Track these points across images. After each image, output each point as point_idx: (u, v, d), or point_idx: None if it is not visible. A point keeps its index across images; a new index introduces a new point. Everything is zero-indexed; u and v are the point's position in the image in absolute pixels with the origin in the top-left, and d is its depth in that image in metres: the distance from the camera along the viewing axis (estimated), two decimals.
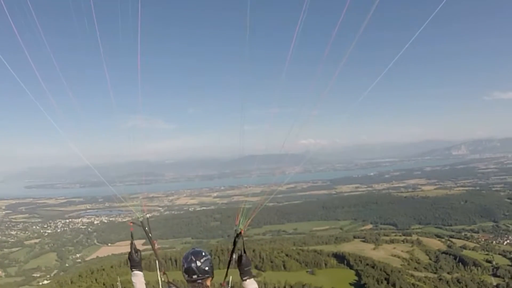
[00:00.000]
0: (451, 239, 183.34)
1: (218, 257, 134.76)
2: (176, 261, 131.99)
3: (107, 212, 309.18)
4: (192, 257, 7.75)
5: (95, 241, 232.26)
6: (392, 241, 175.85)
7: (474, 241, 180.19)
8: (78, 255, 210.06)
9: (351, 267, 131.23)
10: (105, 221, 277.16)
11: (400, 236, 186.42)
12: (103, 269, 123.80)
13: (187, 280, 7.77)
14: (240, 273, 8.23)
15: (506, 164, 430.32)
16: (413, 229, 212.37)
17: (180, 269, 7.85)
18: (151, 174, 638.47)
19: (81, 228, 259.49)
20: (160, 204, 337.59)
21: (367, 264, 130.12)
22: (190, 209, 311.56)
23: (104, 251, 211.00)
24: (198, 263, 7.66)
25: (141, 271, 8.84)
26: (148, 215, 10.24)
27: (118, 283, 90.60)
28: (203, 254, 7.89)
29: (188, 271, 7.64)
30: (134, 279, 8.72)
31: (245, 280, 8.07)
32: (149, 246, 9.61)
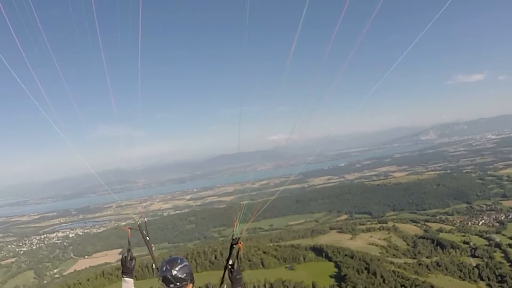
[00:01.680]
0: (426, 223, 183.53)
1: (195, 260, 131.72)
2: (153, 268, 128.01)
3: (82, 224, 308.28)
4: (167, 266, 7.44)
5: (72, 255, 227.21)
6: (368, 230, 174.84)
7: (450, 224, 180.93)
8: (55, 271, 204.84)
9: (330, 259, 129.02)
10: (80, 233, 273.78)
11: (376, 224, 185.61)
12: (80, 283, 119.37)
13: None
14: (232, 283, 8.10)
15: (475, 146, 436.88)
16: (388, 216, 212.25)
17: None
18: (123, 182, 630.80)
19: (56, 242, 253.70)
20: (134, 211, 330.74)
21: (346, 255, 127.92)
22: (164, 213, 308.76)
23: (82, 264, 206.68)
24: (174, 272, 7.37)
25: (132, 278, 8.63)
26: (145, 219, 10.39)
27: None
28: (179, 261, 7.57)
29: (165, 281, 7.39)
30: (124, 286, 8.54)
31: None
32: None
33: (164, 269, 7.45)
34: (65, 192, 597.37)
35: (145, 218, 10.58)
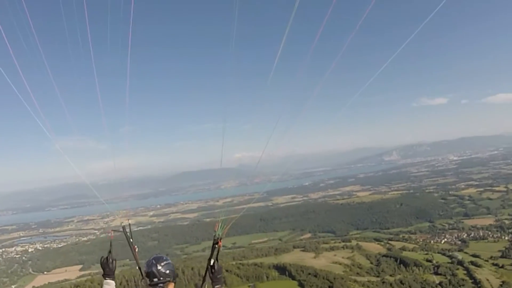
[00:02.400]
0: (390, 242, 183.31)
1: None
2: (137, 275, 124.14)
3: (42, 239, 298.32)
4: (153, 261, 7.98)
5: (31, 270, 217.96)
6: (332, 248, 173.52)
7: (413, 242, 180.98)
8: (13, 287, 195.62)
9: (293, 278, 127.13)
10: (40, 248, 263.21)
11: (339, 242, 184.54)
12: None
13: (149, 285, 7.85)
14: (212, 281, 8.34)
15: (437, 167, 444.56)
16: (352, 235, 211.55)
17: None
18: (84, 196, 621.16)
19: (15, 257, 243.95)
20: (96, 227, 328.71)
21: (309, 274, 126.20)
22: (127, 230, 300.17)
23: (40, 280, 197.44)
24: (159, 267, 7.85)
25: (114, 280, 8.56)
26: (130, 221, 10.34)
27: None
28: (164, 258, 8.14)
29: (149, 275, 7.82)
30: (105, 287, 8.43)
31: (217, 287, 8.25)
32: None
33: (150, 263, 7.91)
34: (25, 205, 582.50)
35: (129, 221, 10.46)
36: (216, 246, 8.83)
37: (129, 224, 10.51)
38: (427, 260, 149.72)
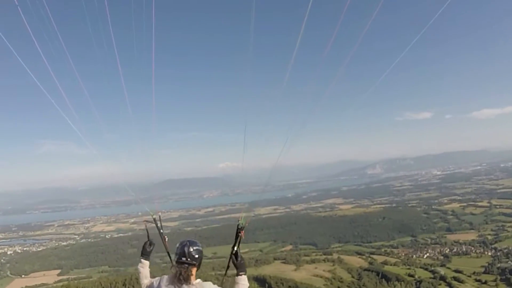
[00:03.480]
0: (372, 255, 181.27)
1: (133, 286, 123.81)
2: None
3: (21, 242, 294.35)
4: (188, 242, 8.37)
5: (8, 273, 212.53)
6: (313, 261, 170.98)
7: (395, 256, 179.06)
8: None
9: None
10: (19, 251, 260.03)
11: (320, 255, 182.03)
12: None
13: (176, 262, 8.25)
14: (237, 268, 8.80)
15: (420, 181, 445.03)
16: (333, 248, 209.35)
17: None
18: (66, 201, 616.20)
19: None
20: (76, 232, 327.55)
21: (289, 286, 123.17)
22: (106, 236, 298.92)
23: (18, 283, 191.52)
24: (191, 249, 8.22)
25: (148, 260, 9.83)
26: (160, 213, 10.76)
27: None
28: (198, 244, 8.52)
29: (179, 253, 8.19)
30: (140, 266, 9.59)
31: (241, 275, 8.66)
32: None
33: (184, 243, 8.28)
34: (6, 207, 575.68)
35: (160, 213, 10.77)
36: (240, 234, 9.57)
37: (160, 216, 10.77)
38: (409, 275, 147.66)
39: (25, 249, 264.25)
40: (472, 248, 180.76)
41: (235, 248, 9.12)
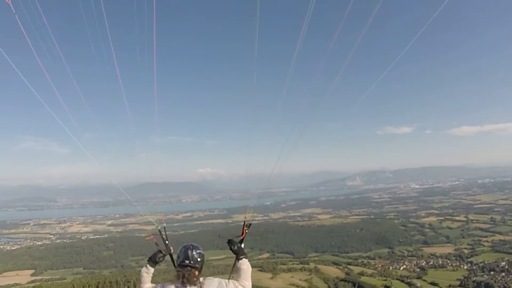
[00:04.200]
0: (348, 266, 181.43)
1: None
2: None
3: None
4: (191, 246, 8.52)
5: None
6: (289, 270, 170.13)
7: (372, 268, 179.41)
8: None
9: None
10: None
11: (297, 264, 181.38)
12: None
13: (178, 265, 8.39)
14: (236, 254, 9.26)
15: (399, 194, 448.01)
16: (310, 257, 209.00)
17: None
18: (43, 200, 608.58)
19: None
20: (52, 232, 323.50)
21: None
22: (83, 237, 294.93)
23: None
24: (194, 252, 8.38)
25: (154, 268, 9.38)
26: (165, 224, 10.81)
27: None
28: (200, 248, 8.69)
29: (183, 257, 8.31)
30: (145, 271, 9.24)
31: (241, 258, 9.14)
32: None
33: (187, 246, 8.41)
34: None
35: (164, 224, 10.82)
36: (246, 229, 10.43)
37: (164, 228, 10.72)
38: (386, 286, 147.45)
39: None
40: (448, 261, 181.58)
41: (237, 245, 9.45)
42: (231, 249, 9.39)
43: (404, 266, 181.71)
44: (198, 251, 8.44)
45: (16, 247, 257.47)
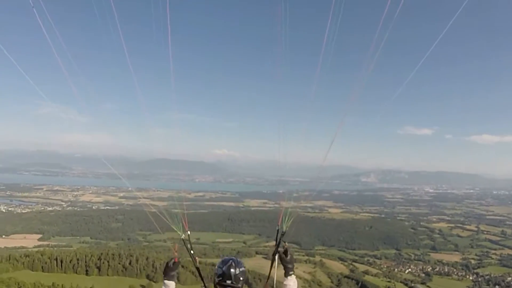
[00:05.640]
0: (354, 263, 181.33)
1: (108, 262, 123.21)
2: (62, 261, 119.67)
3: (7, 201, 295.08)
4: (233, 263, 7.62)
5: None
6: (294, 260, 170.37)
7: (377, 267, 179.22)
8: None
9: (249, 286, 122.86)
10: (4, 210, 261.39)
11: (303, 256, 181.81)
12: None
13: (217, 283, 7.54)
14: (287, 264, 8.28)
15: (412, 196, 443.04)
16: (317, 250, 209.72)
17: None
18: (58, 166, 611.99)
19: None
20: (64, 199, 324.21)
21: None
22: (93, 207, 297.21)
23: None
24: (237, 271, 7.53)
25: (173, 281, 8.26)
26: (189, 232, 9.75)
27: None
28: (243, 265, 7.82)
29: (224, 275, 7.45)
30: None
31: (291, 275, 8.17)
32: None
33: (229, 264, 7.46)
34: None
35: (189, 232, 9.55)
36: (283, 244, 8.74)
37: (189, 236, 9.49)
38: None
39: (10, 209, 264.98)
40: (455, 270, 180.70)
41: (290, 257, 8.38)
42: (281, 258, 8.37)
43: (410, 270, 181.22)
44: (241, 269, 7.59)
45: (26, 211, 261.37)
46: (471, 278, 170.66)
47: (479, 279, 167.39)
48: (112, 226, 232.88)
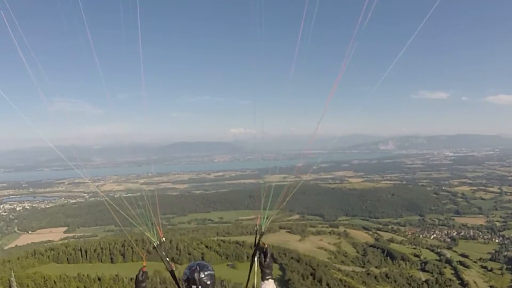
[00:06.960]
0: (378, 232, 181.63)
1: (132, 248, 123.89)
2: (86, 252, 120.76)
3: (30, 198, 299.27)
4: (198, 267, 7.25)
5: (16, 229, 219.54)
6: (319, 233, 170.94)
7: (401, 235, 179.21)
8: None
9: (274, 261, 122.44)
10: (28, 207, 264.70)
11: (327, 227, 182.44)
12: (9, 261, 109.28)
13: None
14: (263, 268, 7.77)
15: (432, 161, 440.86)
16: (340, 220, 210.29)
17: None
18: (78, 159, 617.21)
19: (2, 214, 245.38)
20: (86, 190, 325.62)
21: (292, 258, 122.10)
22: (115, 195, 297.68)
23: (24, 239, 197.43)
24: (202, 275, 7.16)
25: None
26: (163, 239, 9.17)
27: (12, 279, 78.34)
28: (209, 268, 7.37)
29: (189, 281, 7.14)
30: None
31: (268, 279, 7.63)
32: None
33: (193, 268, 7.11)
34: (18, 164, 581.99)
35: (163, 238, 8.98)
36: (263, 246, 7.82)
37: (163, 242, 8.88)
38: (415, 255, 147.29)
39: (34, 205, 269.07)
40: (480, 233, 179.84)
41: (268, 259, 7.64)
42: (260, 261, 7.78)
43: (435, 235, 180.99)
44: (206, 272, 7.18)
45: (50, 205, 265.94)
46: (497, 241, 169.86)
47: (506, 242, 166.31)
48: (136, 212, 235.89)
